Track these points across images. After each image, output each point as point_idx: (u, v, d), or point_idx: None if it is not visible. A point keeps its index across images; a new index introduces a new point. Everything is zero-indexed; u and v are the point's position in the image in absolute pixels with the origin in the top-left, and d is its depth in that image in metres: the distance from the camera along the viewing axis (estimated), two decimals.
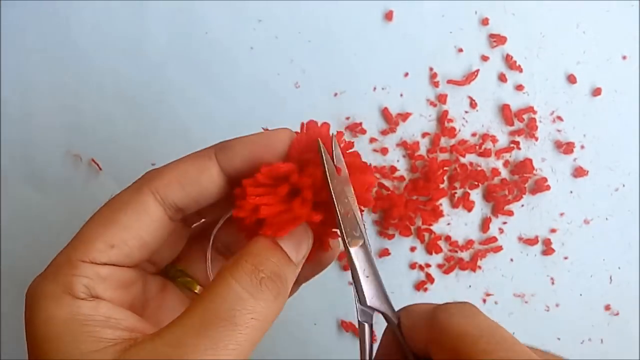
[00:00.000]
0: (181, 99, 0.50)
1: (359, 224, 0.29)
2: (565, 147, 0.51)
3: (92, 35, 0.50)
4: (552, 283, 0.51)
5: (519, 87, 0.51)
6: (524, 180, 0.51)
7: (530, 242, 0.51)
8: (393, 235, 0.51)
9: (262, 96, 0.51)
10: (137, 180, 0.29)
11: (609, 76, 0.51)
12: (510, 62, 0.50)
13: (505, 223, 0.51)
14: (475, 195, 0.51)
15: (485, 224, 0.51)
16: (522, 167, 0.50)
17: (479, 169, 0.51)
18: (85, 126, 0.51)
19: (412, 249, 0.51)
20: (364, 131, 0.51)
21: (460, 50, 0.51)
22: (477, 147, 0.51)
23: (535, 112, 0.51)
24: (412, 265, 0.51)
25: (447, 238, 0.51)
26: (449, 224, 0.51)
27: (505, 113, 0.51)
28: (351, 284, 0.29)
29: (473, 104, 0.51)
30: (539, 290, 0.51)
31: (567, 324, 0.51)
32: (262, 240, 0.28)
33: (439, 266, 0.51)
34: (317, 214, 0.28)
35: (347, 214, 0.28)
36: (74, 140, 0.50)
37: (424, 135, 0.51)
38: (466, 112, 0.51)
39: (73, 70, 0.51)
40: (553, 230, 0.51)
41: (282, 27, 0.50)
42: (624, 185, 0.51)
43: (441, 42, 0.51)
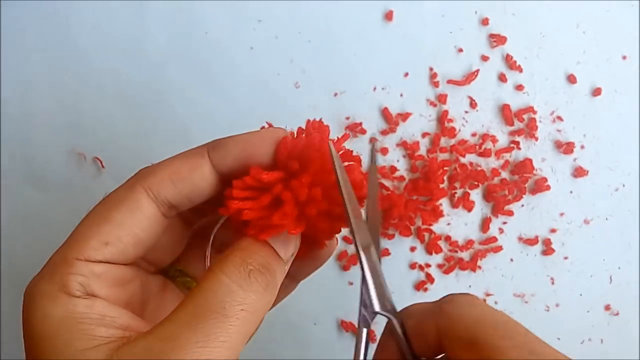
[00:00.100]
0: (181, 99, 0.50)
1: (370, 231, 0.29)
2: (565, 147, 0.51)
3: (92, 35, 0.50)
4: (552, 283, 0.51)
5: (519, 87, 0.51)
6: (524, 180, 0.51)
7: (530, 242, 0.51)
8: (393, 235, 0.51)
9: (262, 96, 0.51)
10: (130, 178, 0.29)
11: (609, 76, 0.51)
12: (510, 62, 0.50)
13: (505, 223, 0.51)
14: (475, 195, 0.51)
15: (485, 224, 0.51)
16: (522, 167, 0.50)
17: (479, 169, 0.51)
18: (85, 126, 0.51)
19: (412, 249, 0.51)
20: (364, 131, 0.51)
21: (460, 50, 0.51)
22: (477, 147, 0.51)
23: (535, 112, 0.51)
24: (412, 265, 0.51)
25: (447, 238, 0.51)
26: (449, 224, 0.51)
27: (505, 113, 0.51)
28: (351, 284, 0.29)
29: (473, 104, 0.51)
30: (539, 290, 0.51)
31: (567, 324, 0.51)
32: (250, 237, 0.28)
33: (439, 266, 0.51)
34: (298, 227, 0.28)
35: (359, 220, 0.28)
36: (74, 140, 0.50)
37: (424, 135, 0.51)
38: (466, 112, 0.51)
39: (73, 70, 0.51)
40: (553, 230, 0.51)
41: (282, 27, 0.50)
42: (624, 185, 0.51)
43: (441, 42, 0.51)
